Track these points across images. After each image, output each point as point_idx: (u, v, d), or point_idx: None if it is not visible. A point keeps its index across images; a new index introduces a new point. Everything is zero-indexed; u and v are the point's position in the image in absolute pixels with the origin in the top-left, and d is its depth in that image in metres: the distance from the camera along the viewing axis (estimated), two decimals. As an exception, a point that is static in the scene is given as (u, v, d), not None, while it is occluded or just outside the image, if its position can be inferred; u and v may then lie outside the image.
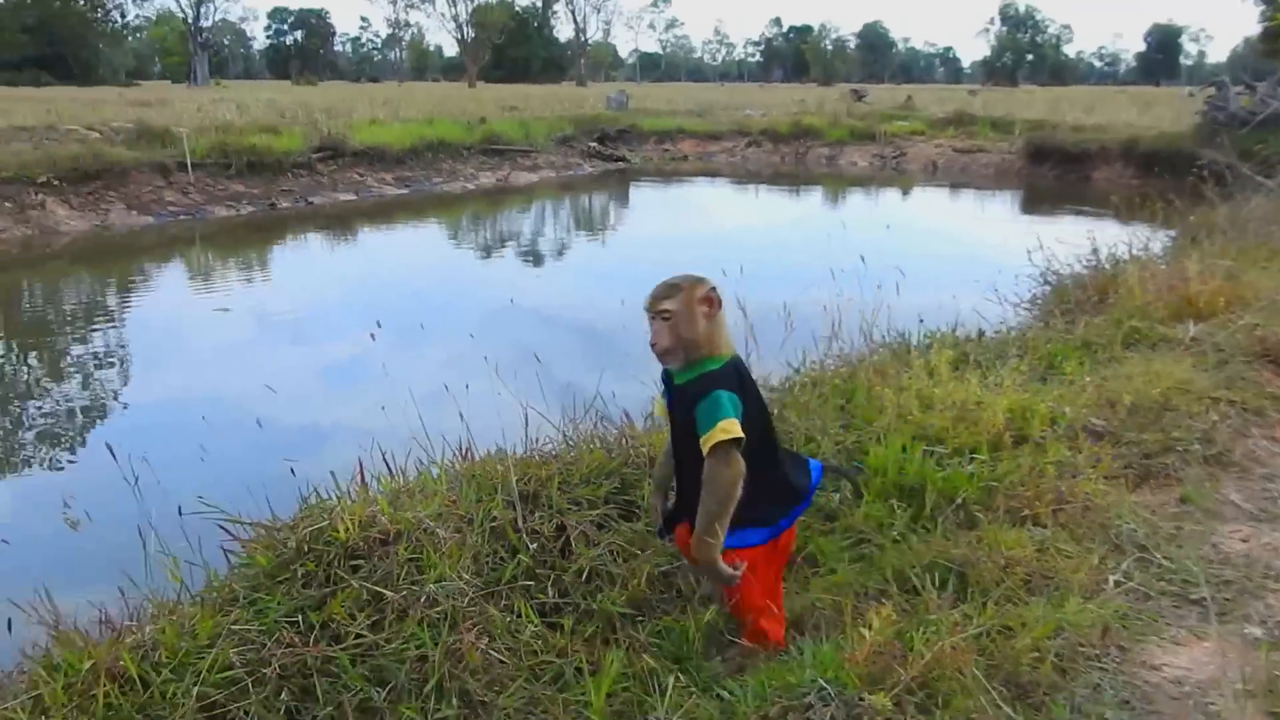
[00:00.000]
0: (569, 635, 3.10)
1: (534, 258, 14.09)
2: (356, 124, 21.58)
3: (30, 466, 6.19)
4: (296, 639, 2.78)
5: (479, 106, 28.75)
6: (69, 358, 8.67)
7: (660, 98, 39.48)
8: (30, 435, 6.70)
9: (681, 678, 2.84)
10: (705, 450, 2.68)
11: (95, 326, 9.80)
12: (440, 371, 5.93)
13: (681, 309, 2.75)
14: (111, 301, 11.28)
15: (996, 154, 24.01)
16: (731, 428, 2.66)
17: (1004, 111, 27.65)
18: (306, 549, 3.03)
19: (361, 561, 3.01)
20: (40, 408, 7.19)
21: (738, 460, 2.68)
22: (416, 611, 2.88)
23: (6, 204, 14.74)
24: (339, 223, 16.60)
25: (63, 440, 6.61)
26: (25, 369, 8.48)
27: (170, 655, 2.61)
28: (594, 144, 25.64)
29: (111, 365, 8.32)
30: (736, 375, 2.80)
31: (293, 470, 3.54)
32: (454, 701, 2.74)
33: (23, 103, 25.99)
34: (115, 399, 7.28)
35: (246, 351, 8.68)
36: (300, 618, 2.85)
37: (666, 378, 2.92)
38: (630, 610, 3.24)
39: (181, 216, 15.98)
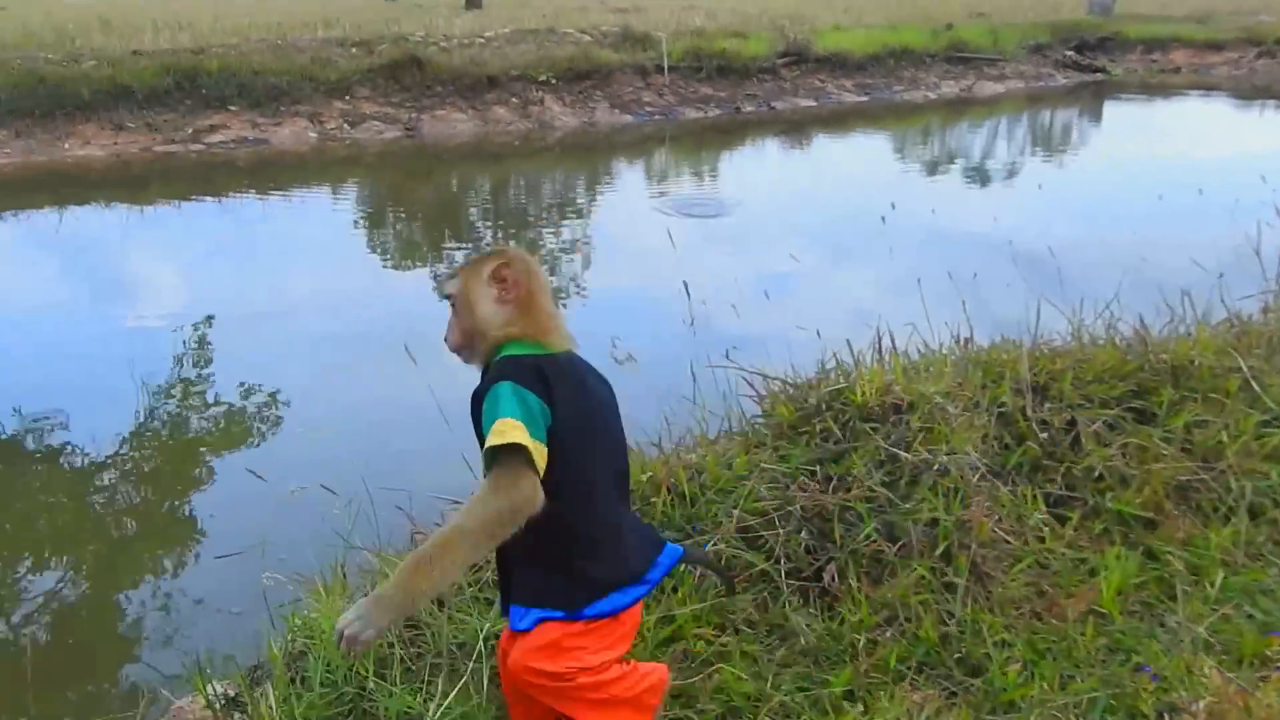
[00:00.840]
0: (1076, 529, 3.05)
1: (996, 178, 13.37)
2: (820, 29, 21.61)
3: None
4: (815, 486, 2.99)
5: (945, 12, 27.53)
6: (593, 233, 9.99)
7: (1153, 2, 35.40)
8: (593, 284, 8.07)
9: (1206, 588, 2.71)
10: (483, 459, 1.90)
11: (589, 214, 10.98)
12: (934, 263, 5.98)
13: (462, 294, 2.07)
14: (607, 192, 12.52)
15: None
16: (507, 430, 1.84)
17: None
18: (825, 407, 3.23)
19: (876, 425, 3.15)
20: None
21: (519, 484, 1.84)
22: (929, 478, 2.97)
23: (513, 100, 16.61)
24: (797, 129, 16.84)
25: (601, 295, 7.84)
26: (562, 240, 9.78)
27: (714, 480, 2.93)
28: (1070, 53, 23.58)
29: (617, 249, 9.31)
30: (538, 373, 1.94)
31: (818, 333, 3.76)
32: (962, 568, 2.82)
33: (523, 9, 28.90)
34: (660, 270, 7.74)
35: (752, 236, 9.31)
36: (818, 468, 3.06)
37: None
38: (1144, 514, 3.11)
39: (656, 117, 17.07)
